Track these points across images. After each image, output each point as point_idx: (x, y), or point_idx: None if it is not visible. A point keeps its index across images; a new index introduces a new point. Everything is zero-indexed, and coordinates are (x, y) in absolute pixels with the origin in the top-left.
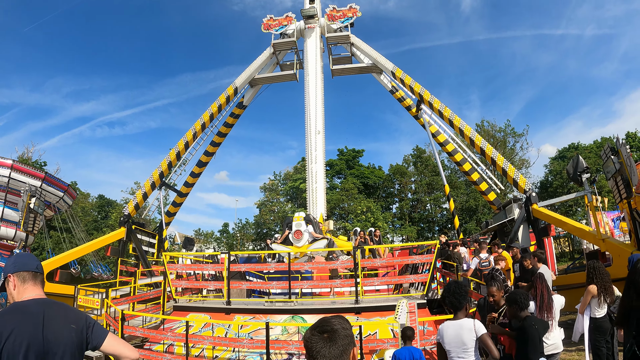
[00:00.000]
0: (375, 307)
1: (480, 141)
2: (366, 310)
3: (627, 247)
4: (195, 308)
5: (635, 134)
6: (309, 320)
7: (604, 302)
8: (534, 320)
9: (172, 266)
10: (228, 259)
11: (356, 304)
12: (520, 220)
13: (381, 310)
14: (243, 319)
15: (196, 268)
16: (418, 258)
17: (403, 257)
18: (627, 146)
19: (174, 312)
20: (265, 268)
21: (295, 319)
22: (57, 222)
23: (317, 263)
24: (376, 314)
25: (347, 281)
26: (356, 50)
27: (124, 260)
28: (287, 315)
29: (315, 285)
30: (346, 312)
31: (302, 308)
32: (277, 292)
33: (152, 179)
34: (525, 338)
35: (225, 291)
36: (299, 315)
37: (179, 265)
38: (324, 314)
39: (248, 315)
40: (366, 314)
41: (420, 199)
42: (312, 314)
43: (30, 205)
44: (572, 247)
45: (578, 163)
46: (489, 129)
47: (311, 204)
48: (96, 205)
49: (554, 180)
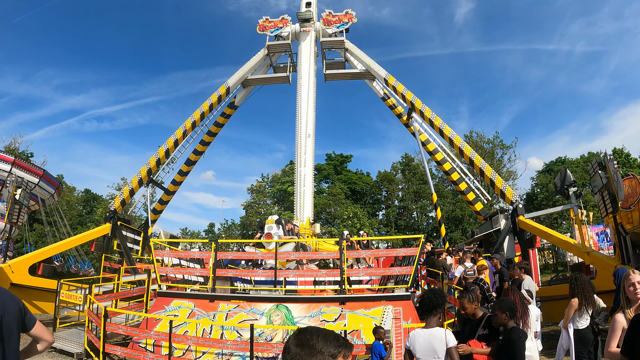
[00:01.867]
0: (360, 297)
1: (470, 151)
2: (351, 301)
3: (611, 261)
4: (179, 294)
5: (621, 150)
6: (292, 309)
7: (586, 312)
8: (521, 333)
9: (158, 252)
10: (215, 247)
11: (341, 294)
12: (506, 231)
13: (366, 301)
14: (227, 307)
15: (183, 255)
16: (403, 251)
17: (386, 267)
18: (614, 161)
19: (159, 297)
20: (251, 275)
21: (279, 308)
22: (40, 215)
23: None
24: (361, 304)
25: (332, 271)
26: (350, 55)
27: (108, 256)
28: (271, 304)
29: (300, 274)
30: (331, 302)
31: (286, 297)
32: (261, 280)
33: (139, 176)
34: (512, 352)
35: (210, 278)
36: (284, 305)
37: (166, 252)
38: (309, 302)
39: (232, 302)
40: (351, 304)
41: (407, 206)
42: (296, 302)
43: (16, 196)
44: (555, 259)
45: (566, 177)
46: (477, 140)
47: (299, 207)
48: (81, 199)
49: (540, 193)
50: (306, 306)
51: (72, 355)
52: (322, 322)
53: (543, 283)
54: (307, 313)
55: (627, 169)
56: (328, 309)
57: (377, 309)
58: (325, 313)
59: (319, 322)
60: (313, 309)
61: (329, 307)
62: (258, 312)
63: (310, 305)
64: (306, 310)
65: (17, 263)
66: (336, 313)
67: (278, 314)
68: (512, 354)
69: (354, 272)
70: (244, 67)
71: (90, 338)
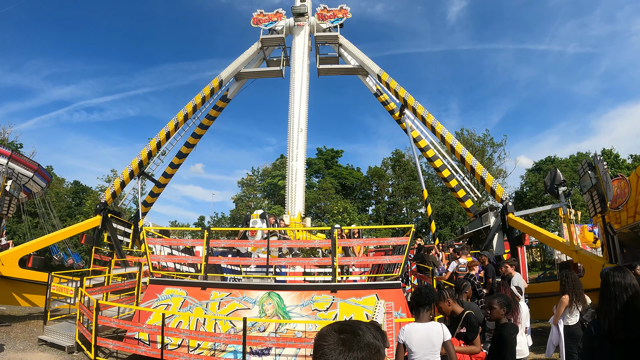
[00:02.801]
0: (351, 285)
1: (461, 149)
2: (342, 289)
3: (599, 260)
4: (171, 282)
5: (610, 151)
6: (284, 298)
7: (576, 309)
8: (513, 329)
9: (151, 240)
10: (207, 235)
11: (332, 282)
12: (495, 228)
13: (357, 289)
14: (219, 295)
15: (176, 243)
16: (394, 240)
17: (377, 257)
18: (604, 162)
19: (150, 285)
20: (243, 262)
21: (271, 296)
22: (29, 207)
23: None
24: (352, 292)
25: (324, 259)
26: (344, 51)
27: (98, 249)
28: (263, 292)
29: (292, 263)
30: (322, 289)
31: (278, 284)
32: (252, 270)
33: (130, 168)
34: (503, 348)
35: (203, 266)
36: (275, 292)
37: (158, 240)
38: (301, 290)
39: (225, 290)
40: (342, 292)
41: (397, 202)
42: (288, 290)
43: (6, 187)
44: (543, 257)
45: (555, 176)
46: (468, 137)
47: (290, 201)
48: (71, 191)
49: (529, 192)
50: (298, 294)
51: (63, 348)
52: (313, 311)
53: (531, 280)
54: (298, 302)
55: (616, 170)
56: (320, 297)
57: (368, 298)
58: (317, 302)
59: (310, 311)
60: (305, 297)
61: (321, 295)
62: (250, 300)
63: (302, 294)
64: (298, 298)
65: (7, 255)
66: (328, 302)
67: (270, 302)
68: (502, 349)
69: (345, 260)
70: (237, 60)
71: (82, 331)
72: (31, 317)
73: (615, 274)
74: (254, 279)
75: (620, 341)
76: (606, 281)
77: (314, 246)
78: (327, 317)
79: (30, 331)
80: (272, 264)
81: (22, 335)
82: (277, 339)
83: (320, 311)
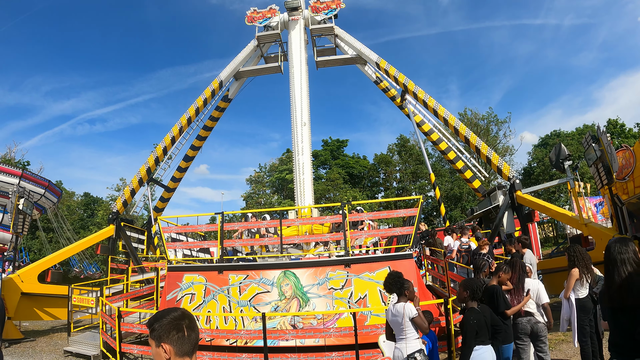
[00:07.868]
0: (364, 258)
1: (465, 130)
2: (355, 262)
3: (609, 232)
4: (189, 268)
5: (616, 121)
6: (300, 276)
7: (586, 282)
8: (474, 315)
9: (166, 229)
10: (222, 219)
11: (346, 256)
12: (504, 206)
13: (370, 262)
14: (237, 278)
15: (191, 229)
16: (403, 212)
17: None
18: (607, 134)
19: (169, 272)
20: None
21: (287, 276)
22: (42, 222)
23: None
24: (365, 266)
25: (336, 234)
26: (340, 41)
27: (114, 257)
28: (279, 271)
29: (305, 240)
30: (336, 264)
31: (293, 262)
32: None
33: (139, 175)
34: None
35: (218, 249)
36: (291, 271)
37: (173, 228)
38: (315, 267)
39: (241, 272)
40: (355, 266)
41: (406, 187)
42: (303, 267)
43: (19, 206)
44: (555, 232)
45: (560, 150)
46: (472, 117)
47: (299, 195)
48: (82, 203)
49: (537, 167)
50: (312, 271)
51: (88, 357)
52: (330, 290)
53: (544, 256)
54: (314, 280)
55: (622, 139)
56: (334, 274)
57: (381, 271)
58: (332, 280)
59: (327, 290)
60: (320, 275)
61: (335, 270)
62: (268, 282)
63: (316, 271)
64: (313, 277)
65: (26, 272)
66: (342, 279)
67: (287, 282)
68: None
69: (357, 234)
70: (235, 59)
71: (106, 339)
72: (54, 330)
73: (617, 245)
74: (269, 259)
75: (619, 308)
76: (608, 252)
77: (326, 240)
78: (343, 296)
79: (55, 344)
80: (285, 243)
81: (48, 349)
82: (297, 331)
83: (336, 289)
